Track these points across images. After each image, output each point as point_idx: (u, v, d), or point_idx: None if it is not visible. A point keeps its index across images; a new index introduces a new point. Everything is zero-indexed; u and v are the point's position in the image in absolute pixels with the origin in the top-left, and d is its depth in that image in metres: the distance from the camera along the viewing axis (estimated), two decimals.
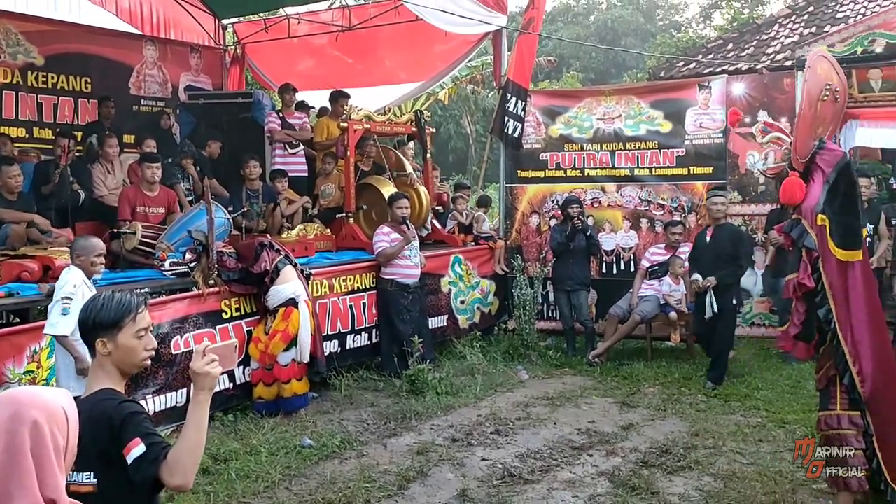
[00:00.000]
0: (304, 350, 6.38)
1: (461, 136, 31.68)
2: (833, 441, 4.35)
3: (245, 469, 5.16)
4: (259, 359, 6.36)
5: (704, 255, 7.36)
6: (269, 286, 6.39)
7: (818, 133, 4.50)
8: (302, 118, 9.72)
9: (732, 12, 27.75)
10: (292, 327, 6.30)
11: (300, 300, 6.43)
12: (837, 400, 4.37)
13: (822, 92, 4.48)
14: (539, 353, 8.49)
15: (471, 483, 5.03)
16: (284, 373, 6.31)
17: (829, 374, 4.42)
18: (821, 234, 4.28)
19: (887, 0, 12.08)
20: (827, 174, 4.30)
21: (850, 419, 4.33)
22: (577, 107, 9.49)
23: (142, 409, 2.43)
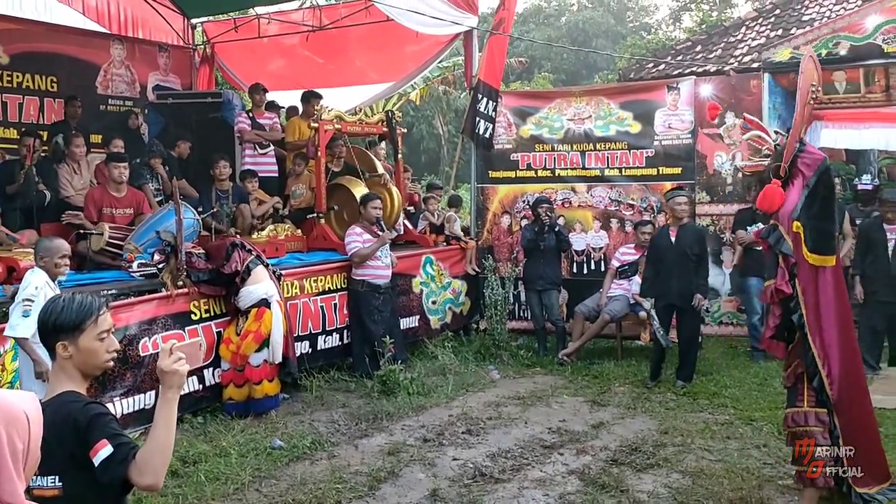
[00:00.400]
0: (276, 351, 6.35)
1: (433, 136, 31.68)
2: (800, 438, 4.41)
3: (214, 471, 5.12)
4: (230, 360, 6.32)
5: (669, 256, 7.35)
6: (239, 287, 6.35)
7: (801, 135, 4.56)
8: (272, 118, 9.67)
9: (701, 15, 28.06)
10: (265, 328, 6.27)
11: (272, 300, 6.39)
12: (805, 397, 4.43)
13: (810, 94, 4.53)
14: (510, 353, 8.51)
15: (442, 483, 5.03)
16: (256, 374, 6.28)
17: (798, 371, 4.48)
18: (795, 241, 4.34)
19: (851, 3, 12.28)
20: (808, 178, 4.35)
21: (816, 416, 4.39)
22: (547, 107, 9.53)
23: (107, 410, 2.41)
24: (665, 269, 7.34)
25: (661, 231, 7.68)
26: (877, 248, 7.52)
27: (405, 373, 7.18)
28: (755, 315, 8.31)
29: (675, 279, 7.28)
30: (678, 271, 7.27)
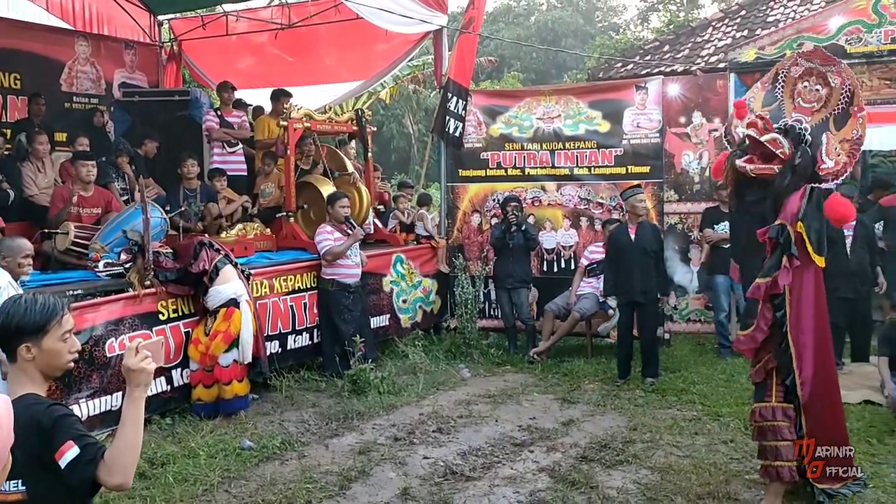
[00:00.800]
0: (245, 351, 6.30)
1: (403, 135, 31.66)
2: (767, 432, 4.46)
3: (183, 472, 5.07)
4: (199, 360, 6.26)
5: (629, 253, 7.41)
6: (208, 286, 6.29)
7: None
8: (241, 116, 9.60)
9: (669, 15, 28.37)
10: (234, 328, 6.22)
11: (241, 300, 6.35)
12: (773, 393, 4.48)
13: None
14: (481, 352, 8.53)
15: (413, 482, 5.03)
16: (225, 374, 6.23)
17: (768, 367, 4.51)
18: (798, 240, 4.38)
19: (815, 5, 12.47)
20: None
21: (783, 411, 4.45)
22: (517, 106, 9.56)
23: (71, 411, 2.37)
24: (626, 266, 7.42)
25: (620, 229, 7.71)
26: (836, 246, 7.64)
27: (375, 372, 7.17)
28: (722, 312, 8.42)
29: (636, 276, 7.36)
30: (639, 268, 7.37)
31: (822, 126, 4.57)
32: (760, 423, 4.52)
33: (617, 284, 7.49)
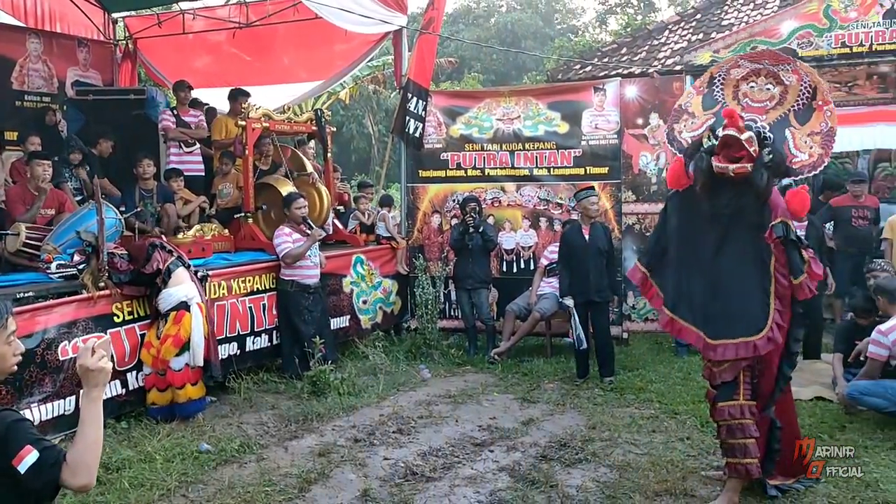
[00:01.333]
0: (196, 355, 6.21)
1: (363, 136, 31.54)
2: (736, 430, 4.48)
3: (139, 477, 4.99)
4: (151, 364, 6.17)
5: (585, 253, 7.48)
6: (160, 288, 6.20)
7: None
8: (198, 116, 9.47)
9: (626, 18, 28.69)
10: (184, 331, 6.12)
11: (192, 303, 6.25)
12: (741, 391, 4.50)
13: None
14: (441, 352, 8.54)
15: (373, 483, 5.02)
16: (178, 378, 6.14)
17: (739, 366, 4.49)
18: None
19: (768, 9, 12.70)
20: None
21: (749, 409, 4.49)
22: (477, 107, 9.59)
23: (23, 416, 2.34)
24: (582, 266, 7.49)
25: (574, 230, 7.74)
26: None
27: (336, 373, 7.14)
28: None
29: (591, 276, 7.45)
30: (594, 268, 7.45)
31: (782, 122, 4.60)
32: (729, 422, 4.51)
33: (573, 284, 7.55)
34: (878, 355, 5.87)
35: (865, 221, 8.92)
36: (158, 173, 8.49)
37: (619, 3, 34.82)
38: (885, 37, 8.33)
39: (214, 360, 6.54)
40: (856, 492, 4.70)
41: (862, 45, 8.44)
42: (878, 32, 8.36)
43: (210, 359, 6.45)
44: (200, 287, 6.53)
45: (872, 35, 8.38)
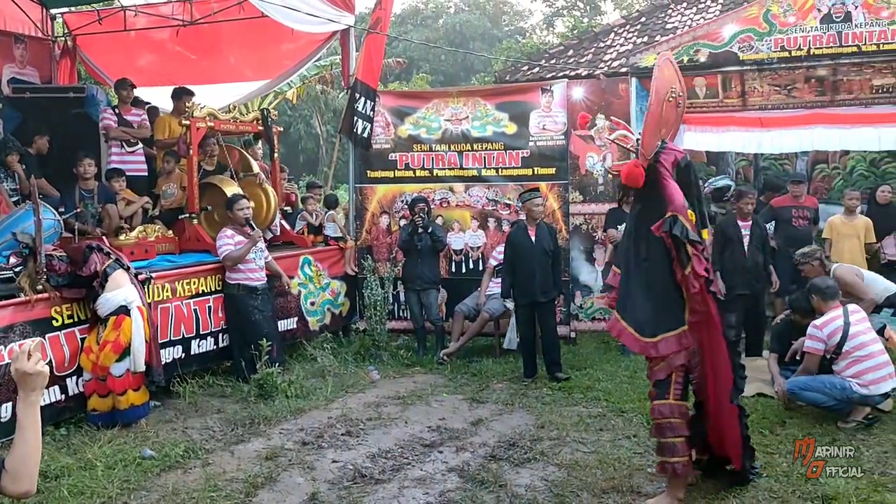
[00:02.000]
0: (137, 360, 6.06)
1: (311, 136, 31.31)
2: (665, 430, 4.54)
3: (79, 485, 4.86)
4: (91, 370, 6.00)
5: (531, 254, 7.53)
6: (98, 292, 6.04)
7: (662, 134, 4.68)
8: (140, 115, 9.27)
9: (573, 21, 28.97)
10: (124, 336, 5.97)
11: (132, 307, 6.11)
12: (672, 390, 4.55)
13: (668, 93, 4.66)
14: (390, 353, 8.51)
15: (321, 486, 4.97)
16: (119, 384, 5.98)
17: (674, 365, 4.54)
18: (694, 229, 4.41)
19: (710, 13, 12.96)
20: (671, 172, 4.52)
21: (679, 409, 4.54)
22: (425, 108, 9.58)
23: None
24: (528, 267, 7.53)
25: (519, 231, 7.74)
26: (733, 244, 7.98)
27: (283, 375, 7.05)
28: None
29: (538, 277, 7.50)
30: (540, 269, 7.51)
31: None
32: (660, 421, 4.58)
33: (517, 285, 7.58)
34: (815, 349, 6.03)
35: (805, 221, 9.15)
36: (99, 173, 8.29)
37: (566, 6, 35.17)
38: (822, 41, 8.55)
39: (156, 364, 6.40)
40: (796, 485, 4.81)
41: (800, 48, 8.64)
42: (815, 37, 8.57)
43: (152, 363, 6.31)
44: (141, 290, 6.38)
45: (810, 39, 8.58)
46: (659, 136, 4.62)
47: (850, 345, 5.92)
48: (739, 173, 11.58)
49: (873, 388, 5.86)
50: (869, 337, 6.00)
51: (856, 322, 5.99)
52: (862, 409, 5.93)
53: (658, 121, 4.58)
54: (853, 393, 5.86)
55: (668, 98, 4.65)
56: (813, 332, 6.05)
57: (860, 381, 5.86)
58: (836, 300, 6.17)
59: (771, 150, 10.19)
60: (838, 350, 5.94)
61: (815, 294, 6.26)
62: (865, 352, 5.91)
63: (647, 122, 4.53)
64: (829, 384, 5.92)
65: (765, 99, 9.70)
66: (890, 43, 8.34)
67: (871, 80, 9.09)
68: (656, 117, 4.55)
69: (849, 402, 5.90)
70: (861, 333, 5.96)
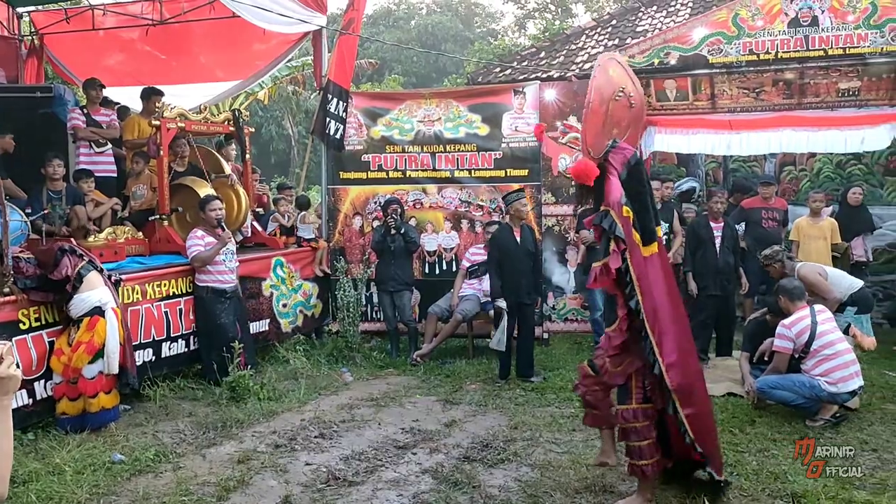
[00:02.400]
0: (111, 362, 5.99)
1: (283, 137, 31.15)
2: (630, 434, 4.56)
3: (47, 491, 4.78)
4: (62, 372, 5.92)
5: (516, 255, 7.57)
6: (71, 294, 5.97)
7: (613, 134, 4.69)
8: (109, 115, 9.15)
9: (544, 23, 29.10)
10: (98, 338, 5.90)
11: (107, 308, 6.04)
12: (633, 395, 4.57)
13: (616, 92, 4.70)
14: (363, 355, 8.49)
15: (294, 489, 4.94)
16: (90, 386, 5.91)
17: (628, 370, 4.57)
18: (626, 226, 4.42)
19: (680, 17, 13.08)
20: (619, 171, 4.50)
21: (643, 412, 4.55)
22: (398, 109, 9.58)
23: None
24: (513, 268, 7.54)
25: (505, 232, 7.71)
26: (705, 245, 8.07)
27: (255, 378, 7.00)
28: (598, 311, 8.68)
29: (523, 277, 7.52)
30: (525, 270, 7.53)
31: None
32: (624, 426, 4.61)
33: (505, 286, 7.59)
34: (784, 348, 6.13)
35: (775, 223, 9.27)
36: (68, 174, 8.17)
37: (538, 8, 35.34)
38: (789, 45, 8.66)
39: (131, 367, 6.32)
40: (765, 483, 4.87)
41: (768, 52, 8.75)
42: (783, 41, 8.69)
43: (126, 366, 6.24)
44: (114, 291, 6.31)
45: (778, 43, 8.70)
46: (608, 135, 4.65)
47: (818, 343, 6.02)
48: (709, 175, 11.70)
49: (841, 386, 5.95)
50: (835, 336, 6.11)
51: (822, 321, 6.09)
52: (830, 407, 6.02)
53: (603, 120, 4.62)
54: (822, 391, 5.95)
55: (615, 98, 4.70)
56: (782, 332, 6.14)
57: (828, 378, 5.96)
58: (803, 300, 6.27)
59: (740, 152, 10.29)
60: (806, 349, 6.04)
61: (783, 295, 6.35)
62: (832, 350, 6.01)
63: (588, 122, 4.57)
64: (798, 383, 6.00)
65: (734, 101, 9.81)
66: (856, 47, 8.48)
67: (838, 84, 9.24)
68: (599, 117, 4.59)
69: (817, 400, 5.99)
70: (828, 332, 6.06)
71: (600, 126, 4.60)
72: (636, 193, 4.52)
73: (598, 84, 4.62)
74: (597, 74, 4.67)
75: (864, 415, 6.26)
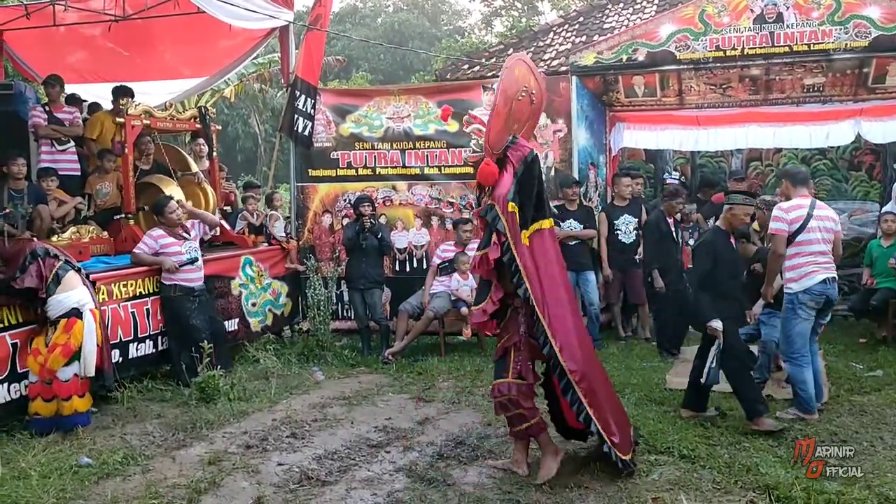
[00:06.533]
0: (88, 364, 5.86)
1: (249, 135, 30.89)
2: (508, 405, 4.92)
3: (13, 496, 4.67)
4: (38, 372, 5.79)
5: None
6: (46, 297, 5.81)
7: (513, 129, 4.94)
8: (72, 112, 8.96)
9: (511, 20, 29.16)
10: (74, 340, 5.77)
11: (85, 310, 5.90)
12: (510, 369, 4.89)
13: (519, 92, 4.91)
14: (335, 354, 8.43)
15: (267, 490, 4.88)
16: (65, 389, 5.79)
17: (507, 345, 4.94)
18: (511, 220, 4.75)
19: (647, 13, 13.15)
20: (516, 167, 4.82)
21: (517, 387, 4.87)
22: (366, 106, 9.51)
23: None
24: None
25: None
26: (667, 240, 8.13)
27: (225, 378, 6.91)
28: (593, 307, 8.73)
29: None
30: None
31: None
32: (500, 398, 4.94)
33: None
34: (779, 230, 6.06)
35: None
36: (30, 173, 8.01)
37: (504, 6, 35.39)
38: (755, 41, 8.75)
39: (108, 368, 6.23)
40: (738, 476, 4.90)
41: (734, 48, 8.83)
42: (749, 37, 8.77)
43: (103, 367, 6.13)
44: (93, 291, 6.17)
45: (744, 39, 8.78)
46: (509, 131, 4.90)
47: (803, 237, 6.01)
48: (677, 170, 11.79)
49: (804, 282, 5.99)
50: (821, 236, 6.02)
51: (818, 217, 6.04)
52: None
53: (506, 119, 4.87)
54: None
55: (518, 97, 4.90)
56: (777, 214, 6.12)
57: (794, 274, 6.02)
58: (804, 188, 6.24)
59: (707, 147, 10.41)
60: (791, 238, 6.03)
61: (785, 178, 6.45)
62: (812, 248, 6.00)
63: (492, 122, 4.84)
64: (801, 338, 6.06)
65: (701, 98, 9.90)
66: (820, 43, 8.60)
67: (803, 80, 9.38)
68: (503, 116, 4.85)
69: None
70: (817, 230, 6.01)
71: (503, 125, 4.87)
72: (529, 187, 4.84)
73: (505, 86, 4.87)
74: (504, 76, 4.90)
75: (833, 406, 6.34)
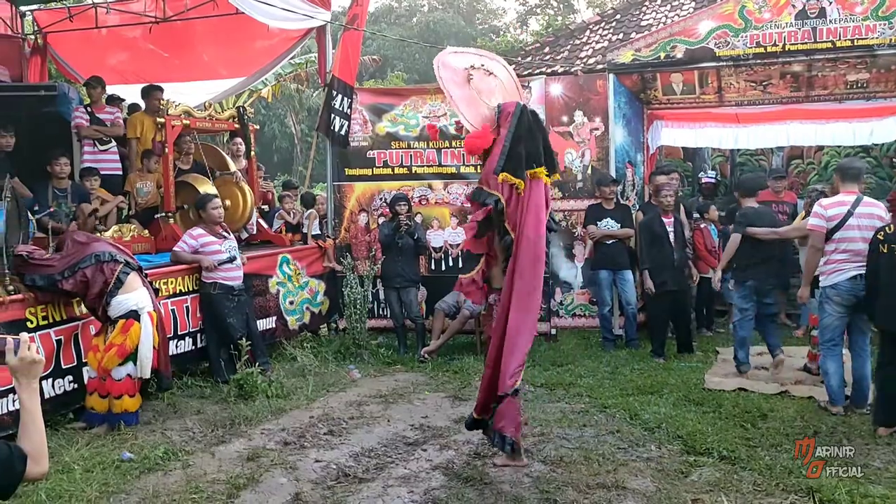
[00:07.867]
0: (144, 366, 5.94)
1: (286, 135, 31.14)
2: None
3: (57, 489, 4.75)
4: (96, 368, 5.90)
5: None
6: (109, 297, 5.91)
7: (492, 103, 5.07)
8: (113, 113, 9.11)
9: (547, 19, 29.02)
10: (130, 342, 5.84)
11: (143, 312, 5.96)
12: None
13: (468, 73, 5.08)
14: (371, 352, 8.46)
15: (304, 486, 4.91)
16: (116, 387, 5.87)
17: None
18: (505, 187, 4.95)
19: (685, 10, 13.01)
20: (510, 124, 4.93)
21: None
22: (402, 105, 9.54)
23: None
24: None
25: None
26: (661, 241, 8.03)
27: (263, 375, 6.97)
28: (605, 307, 8.66)
29: None
30: None
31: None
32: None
33: None
34: (817, 226, 6.01)
35: (785, 217, 9.18)
36: (73, 172, 8.15)
37: (539, 4, 35.25)
38: (797, 37, 8.59)
39: (165, 370, 6.33)
40: (779, 478, 4.82)
41: (775, 44, 8.67)
42: (790, 33, 8.61)
43: (160, 369, 6.23)
44: (152, 293, 6.27)
45: (785, 35, 8.62)
46: (483, 105, 5.06)
47: (840, 235, 5.92)
48: (716, 169, 11.64)
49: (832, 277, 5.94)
50: (860, 234, 5.89)
51: (859, 215, 5.93)
52: None
53: (473, 99, 5.06)
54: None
55: (469, 77, 5.09)
56: (817, 210, 6.08)
57: (826, 268, 5.98)
58: (854, 185, 6.12)
59: (747, 145, 10.25)
60: (829, 235, 5.95)
61: (837, 172, 6.38)
62: (850, 246, 5.89)
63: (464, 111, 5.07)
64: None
65: (741, 95, 9.75)
66: (864, 38, 8.41)
67: (846, 76, 9.19)
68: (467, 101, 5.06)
69: None
70: (856, 228, 5.90)
71: (475, 107, 5.05)
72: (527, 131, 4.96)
73: (446, 79, 5.04)
74: (441, 76, 5.06)
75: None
